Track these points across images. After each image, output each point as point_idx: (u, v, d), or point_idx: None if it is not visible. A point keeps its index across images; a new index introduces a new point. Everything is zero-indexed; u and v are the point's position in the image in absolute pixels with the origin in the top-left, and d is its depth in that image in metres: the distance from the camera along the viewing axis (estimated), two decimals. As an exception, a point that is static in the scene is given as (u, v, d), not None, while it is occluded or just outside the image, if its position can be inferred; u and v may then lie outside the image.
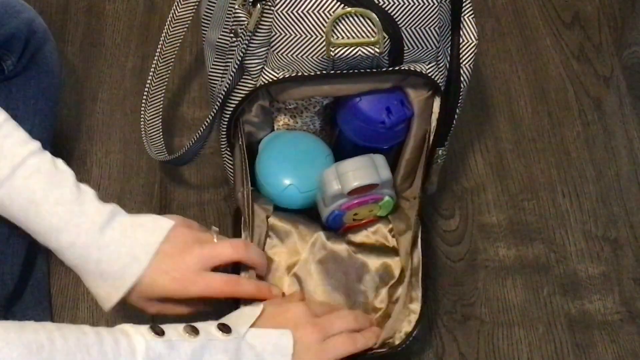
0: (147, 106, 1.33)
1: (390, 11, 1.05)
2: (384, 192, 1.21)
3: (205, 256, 1.08)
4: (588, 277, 1.35)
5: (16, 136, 1.06)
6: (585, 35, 1.61)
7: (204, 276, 1.07)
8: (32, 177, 1.04)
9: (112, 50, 1.55)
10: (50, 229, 1.04)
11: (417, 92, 1.15)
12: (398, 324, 1.17)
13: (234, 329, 1.01)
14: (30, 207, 1.04)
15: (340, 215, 1.21)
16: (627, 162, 1.47)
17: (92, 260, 1.04)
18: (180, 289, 1.06)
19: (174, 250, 1.07)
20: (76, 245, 1.04)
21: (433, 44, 1.10)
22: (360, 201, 1.20)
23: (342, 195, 1.18)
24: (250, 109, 1.17)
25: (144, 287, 1.06)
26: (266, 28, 1.07)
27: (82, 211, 1.05)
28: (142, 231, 1.06)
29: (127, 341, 0.93)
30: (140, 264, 1.05)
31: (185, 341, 0.96)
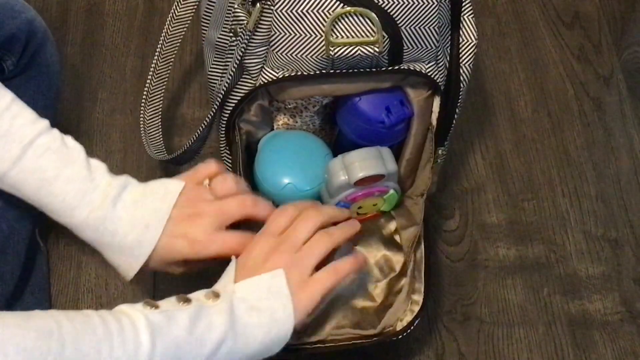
0: (146, 106, 1.33)
1: (390, 10, 1.05)
2: (389, 185, 1.21)
3: (216, 216, 1.09)
4: (588, 277, 1.35)
5: (24, 116, 1.06)
6: (585, 35, 1.62)
7: (219, 235, 1.08)
8: (42, 156, 1.05)
9: (112, 50, 1.55)
10: (63, 207, 1.05)
11: (416, 91, 1.15)
12: (400, 312, 1.17)
13: (222, 291, 1.01)
14: (43, 186, 1.05)
15: (345, 207, 1.21)
16: (627, 162, 1.47)
17: (107, 233, 1.05)
18: (197, 251, 1.08)
19: (185, 214, 1.08)
20: (90, 220, 1.05)
21: (432, 44, 1.10)
22: (366, 192, 1.20)
23: (348, 185, 1.18)
24: (250, 108, 1.17)
25: (163, 253, 1.07)
26: (265, 27, 1.07)
27: (94, 187, 1.06)
28: (153, 199, 1.07)
29: (128, 318, 0.93)
30: (154, 231, 1.06)
31: (180, 310, 0.97)
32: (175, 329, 0.95)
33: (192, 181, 1.11)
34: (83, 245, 1.31)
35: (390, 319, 1.17)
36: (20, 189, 1.06)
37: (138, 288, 1.30)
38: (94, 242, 1.07)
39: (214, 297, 1.00)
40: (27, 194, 1.06)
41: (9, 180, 1.06)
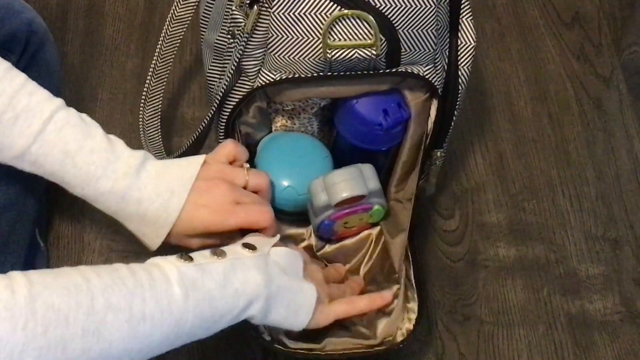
0: (145, 106, 1.33)
1: (387, 13, 1.05)
2: (372, 202, 1.21)
3: (237, 190, 1.11)
4: (588, 277, 1.35)
5: (41, 93, 1.07)
6: (585, 35, 1.61)
7: (242, 206, 1.10)
8: (63, 129, 1.06)
9: (112, 50, 1.55)
10: (88, 178, 1.06)
11: (414, 94, 1.15)
12: (398, 321, 1.17)
13: (259, 247, 1.04)
14: (66, 158, 1.06)
15: (330, 224, 1.21)
16: (627, 162, 1.46)
17: (132, 202, 1.07)
18: (219, 220, 1.09)
19: (208, 184, 1.09)
20: (115, 189, 1.06)
21: (430, 46, 1.10)
22: (349, 212, 1.20)
23: (329, 206, 1.18)
24: (248, 110, 1.17)
25: (186, 221, 1.08)
26: (263, 30, 1.07)
27: (116, 157, 1.07)
28: (176, 169, 1.09)
29: (160, 271, 0.94)
30: (180, 197, 1.07)
31: (215, 262, 0.99)
32: (210, 282, 0.96)
33: (214, 159, 1.13)
34: (83, 245, 1.33)
35: (390, 328, 1.17)
36: (42, 164, 1.06)
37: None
38: (119, 213, 1.09)
39: (251, 250, 1.03)
40: (49, 169, 1.07)
41: (31, 157, 1.06)
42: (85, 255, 1.33)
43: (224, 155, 1.14)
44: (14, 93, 1.05)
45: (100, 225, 1.36)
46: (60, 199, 1.37)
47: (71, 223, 1.36)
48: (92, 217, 1.36)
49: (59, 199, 1.37)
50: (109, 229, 1.35)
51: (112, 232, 1.35)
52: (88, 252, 1.33)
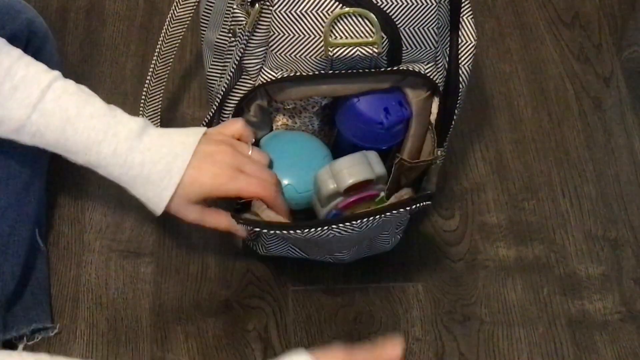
0: (145, 106, 1.33)
1: (389, 11, 1.06)
2: (379, 188, 1.21)
3: (240, 158, 1.13)
4: (588, 277, 1.35)
5: (37, 65, 1.10)
6: (585, 35, 1.61)
7: (243, 175, 1.12)
8: (62, 97, 1.08)
9: (112, 50, 1.55)
10: (89, 143, 1.08)
11: (415, 92, 1.15)
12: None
13: None
14: (67, 125, 1.07)
15: (338, 215, 1.20)
16: (627, 162, 1.46)
17: (136, 164, 1.08)
18: (219, 183, 1.11)
19: (211, 149, 1.12)
20: (118, 153, 1.08)
21: (431, 44, 1.10)
22: (357, 198, 1.19)
23: (338, 194, 1.18)
24: (249, 108, 1.17)
25: (187, 186, 1.10)
26: (264, 28, 1.07)
27: (117, 121, 1.09)
28: (178, 134, 1.12)
29: None
30: (183, 159, 1.09)
31: None
32: None
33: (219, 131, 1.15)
34: (83, 245, 1.33)
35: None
36: (43, 133, 1.08)
37: (138, 287, 1.30)
38: (122, 178, 1.10)
39: None
40: (50, 139, 1.08)
41: (31, 128, 1.07)
42: (85, 255, 1.33)
43: (231, 131, 1.15)
44: (11, 64, 1.07)
45: (100, 225, 1.36)
46: (60, 199, 1.37)
47: (71, 223, 1.36)
48: (92, 217, 1.36)
49: (59, 199, 1.37)
50: (109, 229, 1.35)
51: (112, 232, 1.35)
52: (88, 252, 1.33)
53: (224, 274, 1.31)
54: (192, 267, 1.32)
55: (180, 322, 1.26)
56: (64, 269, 1.32)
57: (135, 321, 1.27)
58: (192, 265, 1.33)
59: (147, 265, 1.32)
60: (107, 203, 1.38)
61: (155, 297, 1.30)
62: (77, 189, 1.38)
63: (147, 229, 1.36)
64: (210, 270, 1.32)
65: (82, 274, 1.31)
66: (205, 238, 1.35)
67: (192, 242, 1.35)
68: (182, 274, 1.32)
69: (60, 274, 1.31)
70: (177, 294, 1.30)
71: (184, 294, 1.30)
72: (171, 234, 1.35)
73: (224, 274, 1.30)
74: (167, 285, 1.31)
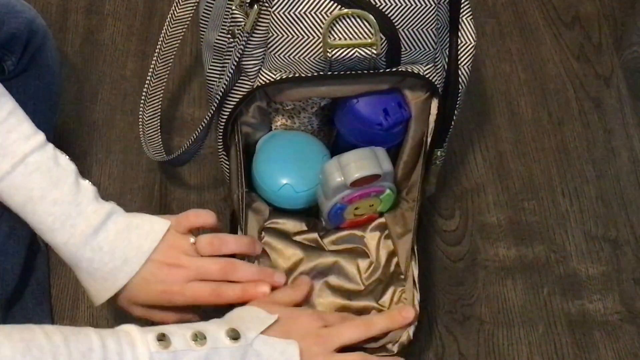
0: (145, 106, 1.33)
1: (388, 12, 1.05)
2: (385, 185, 1.21)
3: (196, 271, 1.09)
4: (588, 277, 1.35)
5: (20, 130, 1.06)
6: (585, 35, 1.61)
7: (191, 287, 1.09)
8: (31, 175, 1.05)
9: (112, 50, 1.55)
10: (45, 227, 1.05)
11: (414, 93, 1.15)
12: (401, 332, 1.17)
13: (243, 335, 1.01)
14: (28, 204, 1.05)
15: (342, 208, 1.20)
16: (627, 162, 1.46)
17: (84, 259, 1.05)
18: (166, 299, 1.09)
19: (164, 260, 1.08)
20: (70, 244, 1.05)
21: (430, 45, 1.10)
22: (362, 193, 1.20)
23: (344, 187, 1.18)
24: (248, 109, 1.17)
25: (132, 292, 1.08)
26: (263, 29, 1.07)
27: (78, 212, 1.05)
28: (137, 234, 1.07)
29: (132, 353, 0.93)
30: (132, 267, 1.06)
31: (190, 351, 0.96)
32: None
33: (179, 225, 1.11)
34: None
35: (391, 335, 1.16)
36: (6, 200, 1.06)
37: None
38: (70, 263, 1.08)
39: (233, 339, 1.00)
40: (12, 207, 1.07)
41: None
42: (85, 255, 1.33)
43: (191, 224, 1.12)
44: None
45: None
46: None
47: (71, 223, 1.36)
48: (92, 217, 1.36)
49: (59, 199, 1.37)
50: (109, 229, 1.35)
51: (112, 232, 1.35)
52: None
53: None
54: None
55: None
56: (64, 269, 1.31)
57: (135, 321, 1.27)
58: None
59: (147, 265, 1.32)
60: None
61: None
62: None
63: (147, 229, 1.35)
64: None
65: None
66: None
67: (192, 242, 1.35)
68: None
69: (60, 274, 1.32)
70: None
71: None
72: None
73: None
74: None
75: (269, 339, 1.03)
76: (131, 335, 0.95)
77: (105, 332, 0.94)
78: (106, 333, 0.94)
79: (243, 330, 1.01)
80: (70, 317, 1.28)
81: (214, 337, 0.99)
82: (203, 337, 0.98)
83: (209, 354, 0.97)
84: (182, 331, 0.98)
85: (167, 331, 0.97)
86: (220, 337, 0.99)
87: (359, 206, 1.22)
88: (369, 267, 1.24)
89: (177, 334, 0.97)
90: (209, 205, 1.38)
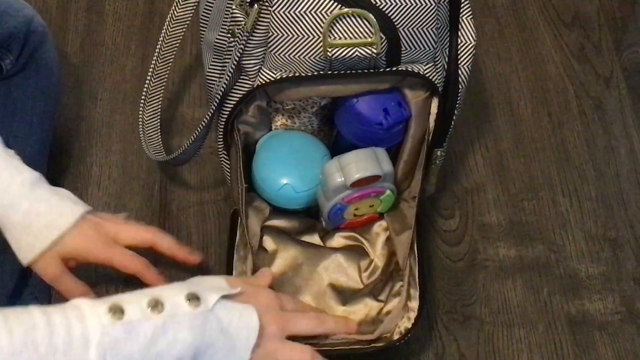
0: (145, 106, 1.33)
1: (388, 12, 1.05)
2: (385, 186, 1.21)
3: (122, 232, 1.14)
4: (588, 277, 1.35)
5: None
6: (585, 35, 1.61)
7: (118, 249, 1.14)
8: None
9: (112, 50, 1.55)
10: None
11: (414, 93, 1.15)
12: (398, 319, 1.17)
13: (203, 299, 0.98)
14: None
15: (342, 209, 1.21)
16: (627, 162, 1.46)
17: (20, 211, 1.07)
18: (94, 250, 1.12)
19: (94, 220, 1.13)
20: (7, 194, 1.07)
21: (431, 45, 1.10)
22: (363, 194, 1.20)
23: (344, 187, 1.18)
24: (248, 109, 1.17)
25: (62, 244, 1.10)
26: (263, 28, 1.07)
27: (15, 166, 1.09)
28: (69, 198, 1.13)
29: (81, 328, 0.89)
30: (68, 220, 1.10)
31: (146, 321, 0.93)
32: (133, 345, 0.91)
33: None
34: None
35: (388, 325, 1.17)
36: None
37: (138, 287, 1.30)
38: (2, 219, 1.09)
39: (193, 305, 0.96)
40: None
41: None
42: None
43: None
44: None
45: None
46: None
47: (71, 223, 1.36)
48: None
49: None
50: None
51: (112, 232, 1.35)
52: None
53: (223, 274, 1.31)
54: (192, 267, 1.33)
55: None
56: (64, 269, 1.31)
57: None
58: (192, 265, 1.33)
59: (146, 265, 1.32)
60: (107, 203, 1.38)
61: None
62: (77, 189, 1.38)
63: (147, 229, 1.36)
64: (210, 270, 1.32)
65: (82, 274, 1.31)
66: (206, 238, 1.35)
67: (192, 242, 1.35)
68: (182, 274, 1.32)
69: (60, 274, 1.31)
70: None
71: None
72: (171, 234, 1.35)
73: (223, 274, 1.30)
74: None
75: (228, 303, 1.00)
76: (80, 309, 0.91)
77: (52, 309, 0.90)
78: (52, 309, 0.90)
79: (204, 295, 0.98)
80: (70, 317, 1.28)
81: (173, 302, 0.96)
82: (160, 304, 0.95)
83: (166, 322, 0.94)
84: (138, 298, 0.95)
85: (121, 300, 0.93)
86: (179, 302, 0.96)
87: (358, 207, 1.22)
88: (369, 266, 1.24)
89: (132, 302, 0.94)
90: (209, 205, 1.38)
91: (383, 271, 1.23)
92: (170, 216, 1.37)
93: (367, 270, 1.24)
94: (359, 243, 1.26)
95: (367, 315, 1.20)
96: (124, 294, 0.96)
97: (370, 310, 1.21)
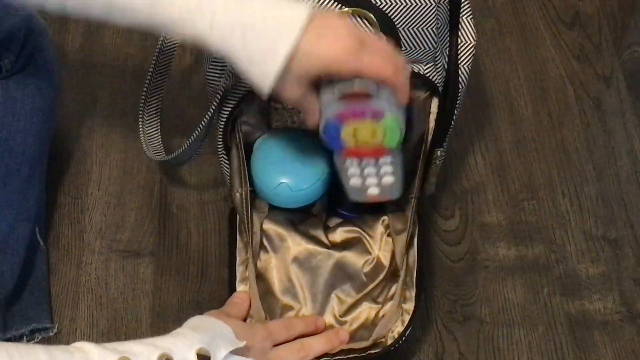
0: (145, 106, 1.33)
1: (388, 12, 1.05)
2: (382, 106, 1.06)
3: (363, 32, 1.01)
4: (588, 277, 1.35)
5: None
6: (585, 35, 1.61)
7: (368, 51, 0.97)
8: None
9: (112, 50, 1.55)
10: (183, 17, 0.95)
11: (414, 92, 1.15)
12: (391, 323, 1.17)
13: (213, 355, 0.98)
14: None
15: (336, 126, 1.07)
16: (627, 162, 1.46)
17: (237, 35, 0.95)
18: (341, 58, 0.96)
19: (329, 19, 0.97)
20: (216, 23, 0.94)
21: (430, 45, 1.10)
22: (356, 111, 1.06)
23: (336, 101, 1.05)
24: (248, 109, 1.17)
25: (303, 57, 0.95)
26: (264, 28, 1.06)
27: None
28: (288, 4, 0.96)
29: None
30: (300, 21, 0.93)
31: None
32: None
33: None
34: (83, 245, 1.33)
35: (382, 330, 1.17)
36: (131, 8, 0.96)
37: (138, 287, 1.31)
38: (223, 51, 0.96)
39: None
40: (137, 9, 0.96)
41: None
42: (85, 256, 1.33)
43: None
44: None
45: (100, 225, 1.36)
46: (60, 199, 1.37)
47: (71, 223, 1.36)
48: (92, 217, 1.36)
49: (59, 199, 1.37)
50: (109, 229, 1.36)
51: (112, 232, 1.35)
52: (88, 252, 1.33)
53: (224, 274, 1.31)
54: (192, 267, 1.33)
55: (180, 322, 1.26)
56: (64, 269, 1.32)
57: (135, 321, 1.27)
58: (192, 265, 1.33)
59: (147, 265, 1.32)
60: (107, 203, 1.38)
61: (155, 297, 1.30)
62: (77, 189, 1.38)
63: (147, 229, 1.36)
64: (210, 270, 1.32)
65: (82, 274, 1.32)
66: (206, 238, 1.35)
67: (192, 242, 1.35)
68: (182, 274, 1.32)
69: (60, 274, 1.32)
70: (177, 294, 1.30)
71: (184, 294, 1.30)
72: (171, 234, 1.35)
73: (224, 274, 1.30)
74: (167, 285, 1.31)
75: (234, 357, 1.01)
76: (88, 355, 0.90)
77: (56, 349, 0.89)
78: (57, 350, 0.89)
79: (213, 349, 0.98)
80: (70, 317, 1.28)
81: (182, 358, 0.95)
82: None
83: None
84: (148, 351, 0.93)
85: (131, 354, 0.92)
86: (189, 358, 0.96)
87: (357, 128, 1.08)
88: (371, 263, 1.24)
89: (142, 355, 0.92)
90: (209, 205, 1.38)
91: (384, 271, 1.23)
92: (170, 216, 1.37)
93: (369, 266, 1.24)
94: (360, 236, 1.26)
95: (367, 319, 1.20)
96: (134, 345, 0.95)
97: (369, 314, 1.21)
